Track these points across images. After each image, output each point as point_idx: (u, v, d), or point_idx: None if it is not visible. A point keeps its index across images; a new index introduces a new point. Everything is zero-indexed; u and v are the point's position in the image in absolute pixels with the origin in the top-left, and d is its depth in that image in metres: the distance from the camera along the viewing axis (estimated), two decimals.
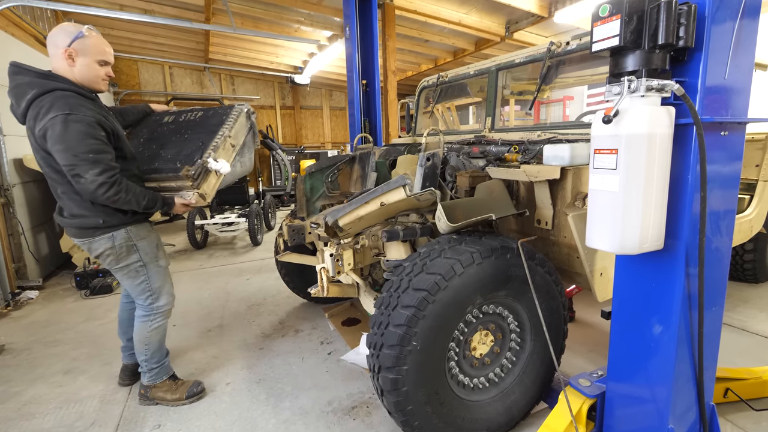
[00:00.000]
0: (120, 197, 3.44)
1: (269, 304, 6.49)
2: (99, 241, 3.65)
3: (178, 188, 3.88)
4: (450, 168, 4.26)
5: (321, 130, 21.73)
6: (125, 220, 3.70)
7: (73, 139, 3.24)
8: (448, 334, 3.08)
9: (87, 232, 3.62)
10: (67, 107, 3.28)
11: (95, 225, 3.60)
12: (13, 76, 3.44)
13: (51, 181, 3.53)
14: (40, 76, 3.42)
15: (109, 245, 3.68)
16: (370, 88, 7.70)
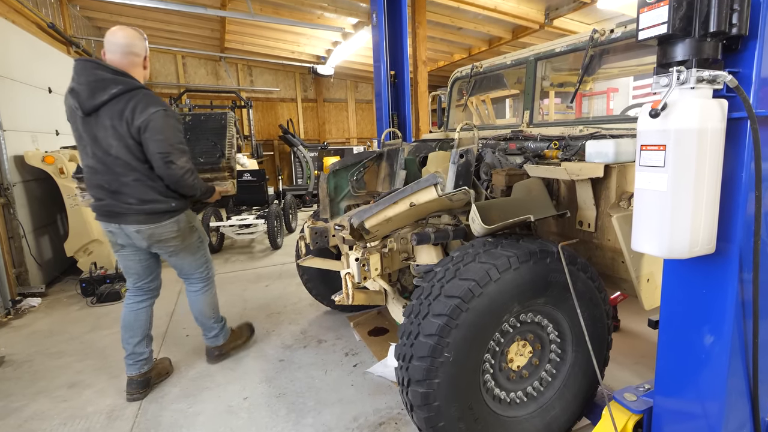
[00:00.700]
0: (195, 183, 4.26)
1: (290, 312, 6.54)
2: (166, 226, 4.28)
3: (213, 179, 4.86)
4: (485, 166, 4.27)
5: (346, 124, 21.82)
6: (185, 206, 4.44)
7: (170, 131, 4.03)
8: (483, 344, 3.09)
9: (155, 217, 4.21)
10: (161, 104, 4.03)
11: (166, 209, 4.24)
12: (92, 71, 3.93)
13: (124, 169, 4.04)
14: (118, 74, 4.00)
15: (175, 228, 4.35)
16: (398, 80, 7.73)
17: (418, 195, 3.53)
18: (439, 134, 6.42)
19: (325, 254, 5.62)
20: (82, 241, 8.07)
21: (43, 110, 9.21)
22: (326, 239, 4.91)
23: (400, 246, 4.14)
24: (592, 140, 3.65)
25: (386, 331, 5.68)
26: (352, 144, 21.65)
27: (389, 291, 4.53)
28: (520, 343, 3.36)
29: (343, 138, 21.82)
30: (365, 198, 5.34)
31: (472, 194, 3.50)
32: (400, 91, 7.75)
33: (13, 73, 8.09)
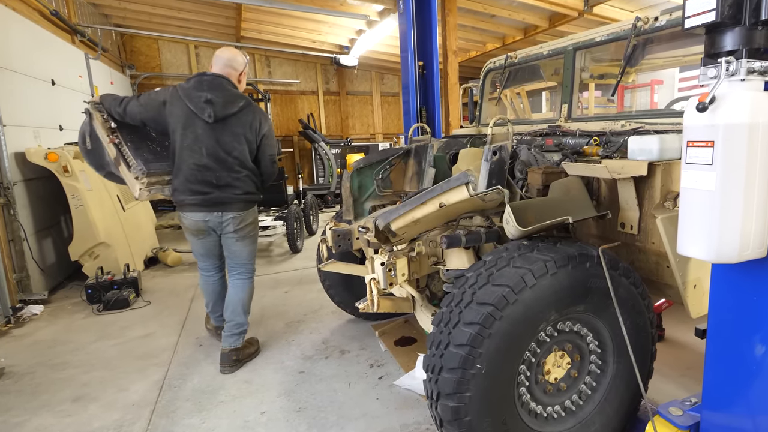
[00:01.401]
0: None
1: (310, 320, 6.57)
2: (250, 213, 5.41)
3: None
4: (520, 163, 4.29)
5: (370, 119, 21.83)
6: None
7: (274, 139, 5.56)
8: (518, 355, 3.11)
9: (249, 205, 5.36)
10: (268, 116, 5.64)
11: (255, 199, 5.43)
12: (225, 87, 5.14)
13: (240, 167, 5.17)
14: (235, 88, 5.27)
15: (254, 215, 5.53)
16: (427, 71, 7.76)
17: (448, 195, 3.55)
18: (471, 129, 6.43)
19: (349, 258, 5.67)
20: (87, 244, 8.12)
21: (46, 104, 9.26)
22: (350, 242, 4.92)
23: (428, 249, 4.16)
24: (634, 136, 3.65)
25: (414, 340, 5.69)
26: (378, 140, 21.63)
27: (417, 298, 4.54)
28: (558, 354, 3.38)
29: (368, 134, 21.84)
30: (391, 198, 5.36)
31: (506, 194, 3.50)
32: (429, 83, 7.77)
33: (14, 63, 8.13)
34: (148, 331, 6.45)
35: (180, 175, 5.09)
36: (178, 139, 5.01)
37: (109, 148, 5.25)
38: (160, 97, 5.09)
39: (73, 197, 7.97)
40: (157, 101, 5.06)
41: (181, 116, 4.97)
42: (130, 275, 7.83)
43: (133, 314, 7.11)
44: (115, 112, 5.19)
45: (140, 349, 5.94)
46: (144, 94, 5.19)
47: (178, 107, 4.97)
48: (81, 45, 12.00)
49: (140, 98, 5.15)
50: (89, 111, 5.29)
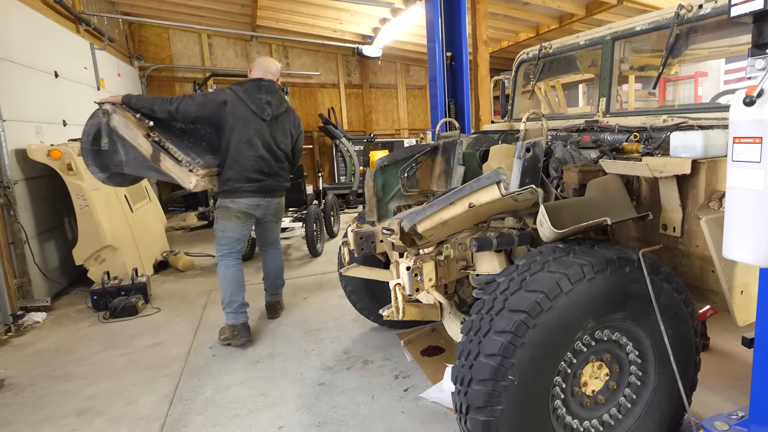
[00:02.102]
0: None
1: (331, 328, 6.60)
2: (283, 198, 6.85)
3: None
4: (555, 161, 4.29)
5: (395, 113, 21.86)
6: None
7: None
8: (553, 366, 3.13)
9: (285, 192, 6.85)
10: None
11: (288, 187, 6.83)
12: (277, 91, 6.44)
13: (283, 159, 6.53)
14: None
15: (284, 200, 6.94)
16: (456, 62, 7.77)
17: (479, 194, 3.56)
18: (503, 125, 6.44)
19: (372, 262, 5.65)
20: (93, 247, 8.13)
21: (49, 97, 9.29)
22: (373, 245, 4.94)
23: (457, 253, 4.18)
24: (677, 132, 3.65)
25: (442, 350, 5.71)
26: (403, 136, 21.64)
27: (445, 304, 4.55)
28: (596, 365, 3.39)
29: (393, 129, 21.87)
30: (418, 198, 5.38)
31: (540, 193, 3.48)
32: (458, 75, 7.78)
33: (14, 54, 8.18)
34: (157, 340, 6.48)
35: (236, 165, 6.11)
36: (236, 134, 6.06)
37: (144, 146, 5.80)
38: (218, 97, 6.03)
39: (77, 197, 7.99)
40: (217, 101, 5.99)
41: (242, 115, 6.06)
42: (139, 280, 7.87)
43: (141, 322, 7.14)
44: (164, 111, 5.87)
45: (149, 359, 5.97)
46: (197, 94, 6.08)
47: (240, 107, 6.07)
48: (86, 34, 12.02)
49: (194, 98, 5.98)
50: (108, 111, 5.84)
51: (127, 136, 5.83)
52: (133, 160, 5.90)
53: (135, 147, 5.83)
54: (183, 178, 5.86)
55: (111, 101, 5.92)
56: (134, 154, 5.87)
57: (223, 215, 6.24)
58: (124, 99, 5.93)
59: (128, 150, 5.88)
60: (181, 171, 5.84)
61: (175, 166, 5.83)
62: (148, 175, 6.11)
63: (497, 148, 4.96)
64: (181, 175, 5.85)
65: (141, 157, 5.85)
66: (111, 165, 6.00)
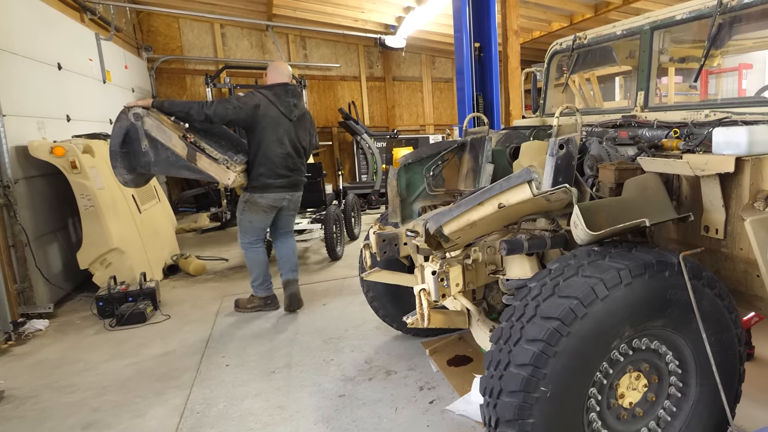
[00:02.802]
0: None
1: (352, 337, 6.61)
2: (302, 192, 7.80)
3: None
4: (590, 158, 4.30)
5: (420, 108, 21.87)
6: None
7: None
8: (588, 376, 3.13)
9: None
10: None
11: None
12: (300, 94, 7.53)
13: (304, 155, 7.63)
14: None
15: None
16: (484, 54, 7.78)
17: (509, 194, 3.56)
18: (534, 120, 6.45)
19: (395, 267, 5.67)
20: (98, 250, 8.14)
21: (52, 91, 9.29)
22: (396, 248, 4.96)
23: (486, 256, 4.18)
24: (720, 127, 3.64)
25: (469, 360, 5.71)
26: (428, 132, 21.60)
27: (473, 311, 4.56)
28: (633, 375, 3.39)
29: (417, 125, 21.87)
30: (444, 198, 5.39)
31: (575, 193, 3.50)
32: (487, 67, 7.79)
33: (15, 45, 8.17)
34: (167, 349, 6.50)
35: (267, 163, 7.13)
36: (268, 134, 7.07)
37: (178, 147, 6.60)
38: (251, 101, 6.95)
39: (82, 197, 7.98)
40: (250, 105, 6.92)
41: (273, 117, 7.08)
42: (147, 285, 7.88)
43: (150, 330, 7.16)
44: (201, 114, 6.66)
45: (159, 369, 5.98)
46: (231, 98, 6.95)
47: (271, 110, 7.07)
48: (91, 24, 12.03)
49: (230, 102, 6.84)
50: (140, 114, 6.49)
51: (160, 137, 6.56)
52: (164, 161, 6.66)
53: (168, 148, 6.60)
54: (221, 175, 6.78)
55: (141, 104, 6.58)
56: (166, 154, 6.63)
57: (252, 209, 7.28)
58: (155, 103, 6.68)
59: (159, 151, 6.62)
60: (218, 168, 6.73)
61: (213, 165, 6.70)
62: (178, 174, 6.93)
63: (528, 145, 4.96)
64: (219, 172, 6.75)
65: (173, 157, 6.64)
66: (138, 166, 6.72)
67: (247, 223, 7.38)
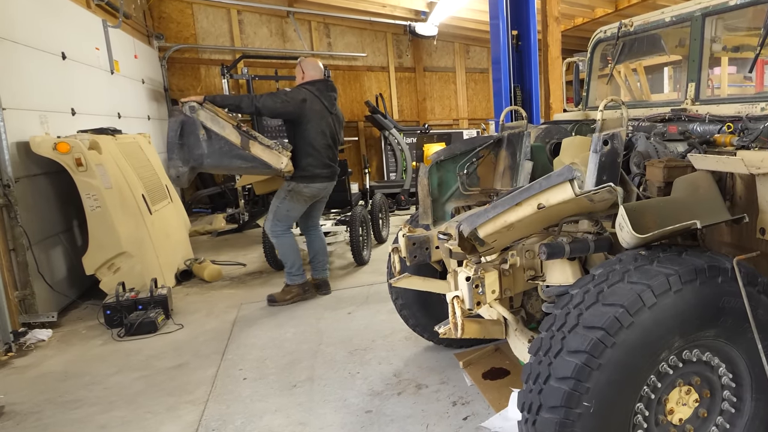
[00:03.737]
0: None
1: (379, 348, 6.62)
2: None
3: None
4: (637, 155, 4.30)
5: (453, 101, 21.85)
6: None
7: None
8: (634, 391, 3.13)
9: None
10: None
11: None
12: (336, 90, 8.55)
13: (338, 144, 8.59)
14: None
15: None
16: (523, 42, 7.78)
17: (549, 194, 3.56)
18: (576, 114, 6.44)
19: (426, 272, 5.65)
20: (106, 254, 8.15)
21: (56, 82, 9.21)
22: (427, 252, 4.97)
23: (524, 261, 4.20)
24: None
25: (506, 373, 5.70)
26: (462, 127, 21.58)
27: (510, 320, 4.57)
28: (683, 389, 3.38)
29: (450, 119, 21.84)
30: (479, 198, 5.40)
31: (620, 192, 3.46)
32: (525, 57, 7.79)
33: (15, 33, 8.08)
34: (180, 361, 6.50)
35: (315, 153, 8.13)
36: (314, 126, 8.04)
37: (232, 136, 7.44)
38: (298, 96, 7.93)
39: (88, 197, 7.96)
40: (297, 99, 7.90)
41: (318, 110, 8.07)
42: (159, 292, 7.88)
43: (161, 340, 7.17)
44: (251, 106, 7.73)
45: (171, 383, 5.99)
46: (278, 92, 8.20)
47: (317, 104, 8.05)
48: (98, 10, 11.91)
49: (277, 95, 7.99)
50: (194, 107, 7.27)
51: (214, 128, 7.37)
52: (217, 151, 7.45)
53: (222, 137, 7.41)
54: (274, 160, 7.66)
55: (195, 99, 7.34)
56: (219, 144, 7.43)
57: (295, 198, 8.14)
58: (208, 97, 7.47)
59: (213, 142, 7.41)
60: (271, 154, 7.65)
61: (266, 151, 7.62)
62: (231, 164, 7.68)
63: (570, 141, 4.97)
64: (272, 157, 7.65)
65: (227, 147, 7.47)
66: (191, 159, 7.39)
67: (285, 212, 8.17)
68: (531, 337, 4.28)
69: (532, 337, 4.26)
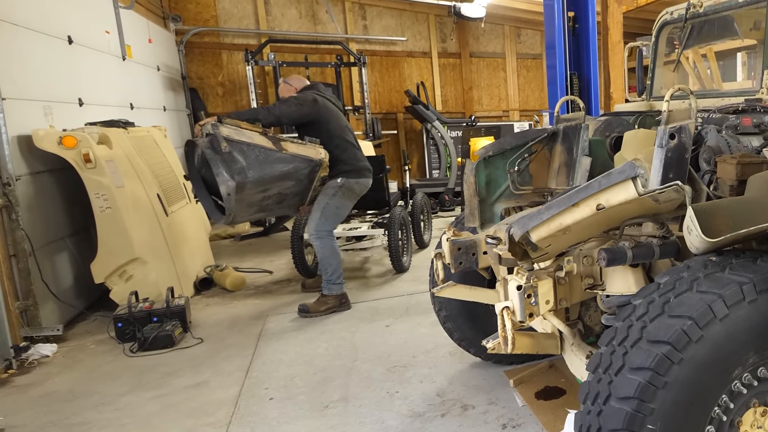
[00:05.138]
0: None
1: (421, 364, 6.62)
2: None
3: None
4: (707, 150, 4.29)
5: (502, 90, 21.83)
6: None
7: None
8: (704, 412, 3.12)
9: None
10: None
11: None
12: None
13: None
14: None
15: None
16: (580, 25, 7.77)
17: (609, 193, 3.56)
18: (640, 104, 6.43)
19: (473, 280, 5.66)
20: (117, 260, 8.15)
21: (62, 69, 9.20)
22: (474, 258, 4.98)
23: (582, 268, 4.20)
24: None
25: (562, 392, 5.70)
26: (512, 119, 21.55)
27: (566, 334, 4.57)
28: (758, 410, 3.35)
29: (499, 110, 21.81)
30: (531, 198, 5.41)
31: (688, 192, 3.44)
32: (583, 41, 7.78)
33: (16, 15, 8.02)
34: (199, 380, 6.51)
35: (350, 147, 8.72)
36: (335, 122, 8.61)
37: (263, 142, 7.81)
38: (307, 97, 8.45)
39: (97, 197, 7.94)
40: (309, 99, 8.41)
41: (332, 108, 8.65)
42: (176, 303, 7.90)
43: (179, 356, 7.20)
44: (270, 116, 8.17)
45: (189, 403, 6.01)
46: (289, 98, 8.54)
47: (327, 102, 8.59)
48: None
49: (289, 101, 8.44)
50: (215, 124, 7.48)
51: (243, 138, 7.64)
52: (255, 160, 7.63)
53: (254, 146, 7.69)
54: (313, 153, 8.13)
55: (210, 121, 7.60)
56: (255, 153, 7.67)
57: (346, 194, 8.60)
58: (221, 116, 7.76)
59: (247, 152, 7.60)
60: (308, 148, 8.17)
61: (300, 147, 8.14)
62: (273, 170, 7.80)
63: (633, 134, 4.96)
64: (309, 150, 8.14)
65: (263, 154, 7.73)
66: (234, 174, 7.40)
67: (334, 209, 8.54)
68: (589, 352, 4.28)
69: (590, 353, 4.26)
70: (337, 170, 8.46)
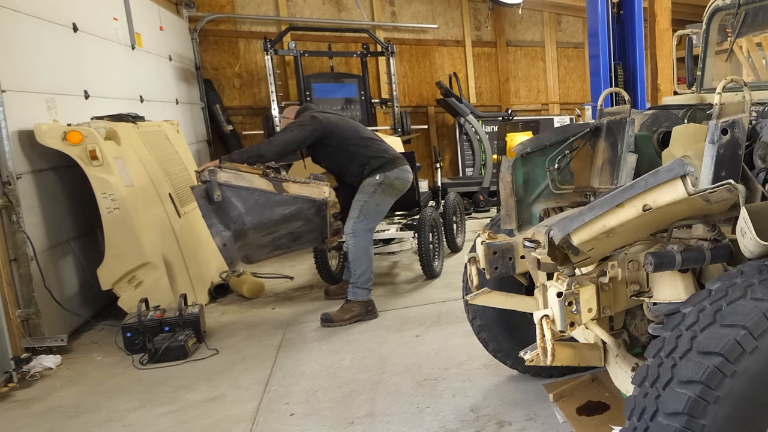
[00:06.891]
0: None
1: (453, 377, 6.61)
2: None
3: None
4: (762, 146, 4.27)
5: (541, 81, 21.80)
6: None
7: None
8: (759, 428, 3.11)
9: None
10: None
11: None
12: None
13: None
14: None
15: None
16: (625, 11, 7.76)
17: (656, 193, 3.54)
18: (690, 97, 6.41)
19: (510, 286, 5.62)
20: (125, 265, 8.14)
21: (66, 59, 9.17)
22: (511, 263, 4.98)
23: (627, 274, 4.19)
24: None
25: (606, 407, 5.68)
26: (552, 113, 21.50)
27: (610, 344, 4.55)
28: None
29: (538, 103, 21.78)
30: (572, 198, 5.41)
31: (742, 191, 3.42)
32: (628, 29, 7.77)
33: (17, 0, 7.93)
34: (215, 394, 6.51)
35: (374, 143, 8.97)
36: (343, 127, 8.80)
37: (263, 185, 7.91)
38: (305, 116, 8.64)
39: (104, 197, 7.91)
40: (308, 117, 8.56)
41: (332, 116, 8.85)
42: (189, 311, 7.88)
43: (192, 368, 7.19)
44: (273, 150, 8.29)
45: (203, 419, 5.99)
46: (288, 126, 8.79)
47: (328, 114, 8.87)
48: None
49: (289, 128, 8.63)
50: (213, 170, 7.61)
51: (242, 183, 7.80)
52: (255, 204, 7.83)
53: (254, 190, 7.84)
54: (316, 192, 8.22)
55: (211, 165, 7.80)
56: (254, 197, 7.84)
57: (386, 191, 8.74)
58: (224, 158, 8.06)
59: (246, 197, 7.80)
60: (311, 188, 8.23)
61: (303, 186, 8.21)
62: (274, 214, 7.94)
63: (682, 130, 4.95)
64: (312, 190, 8.23)
65: (263, 198, 7.88)
66: (230, 221, 7.69)
67: (374, 207, 8.70)
68: (635, 364, 4.25)
69: (636, 365, 4.23)
70: (371, 167, 8.63)
